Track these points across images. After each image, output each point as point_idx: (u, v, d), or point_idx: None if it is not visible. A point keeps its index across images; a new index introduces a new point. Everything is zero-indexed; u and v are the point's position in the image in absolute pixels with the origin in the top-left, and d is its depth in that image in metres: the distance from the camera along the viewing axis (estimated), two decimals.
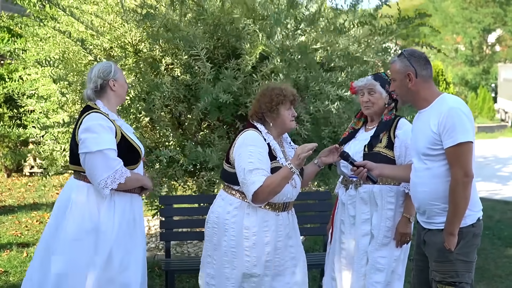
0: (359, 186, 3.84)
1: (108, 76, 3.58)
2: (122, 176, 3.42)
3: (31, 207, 8.61)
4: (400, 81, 3.28)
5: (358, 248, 3.82)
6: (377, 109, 3.88)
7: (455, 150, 3.07)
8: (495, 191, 10.48)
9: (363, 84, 3.88)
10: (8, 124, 6.41)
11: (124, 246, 3.51)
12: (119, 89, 3.63)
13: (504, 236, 7.28)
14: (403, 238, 3.78)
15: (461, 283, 3.15)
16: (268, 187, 3.38)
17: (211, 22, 5.12)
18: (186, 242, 6.51)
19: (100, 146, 3.37)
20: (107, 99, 3.60)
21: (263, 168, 3.40)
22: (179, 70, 5.21)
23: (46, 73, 5.75)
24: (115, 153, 3.43)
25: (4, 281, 5.49)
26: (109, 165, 3.38)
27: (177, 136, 5.30)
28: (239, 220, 3.49)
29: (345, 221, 3.90)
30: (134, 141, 3.61)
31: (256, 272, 3.46)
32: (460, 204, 3.07)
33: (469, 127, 3.10)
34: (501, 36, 31.75)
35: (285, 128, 3.62)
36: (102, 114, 3.49)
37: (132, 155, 3.56)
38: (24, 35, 6.24)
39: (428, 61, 3.27)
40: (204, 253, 3.67)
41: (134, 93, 5.08)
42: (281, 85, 3.68)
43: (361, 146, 3.85)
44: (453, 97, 3.24)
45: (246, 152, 3.43)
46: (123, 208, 3.52)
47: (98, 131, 3.40)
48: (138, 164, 3.62)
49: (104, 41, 5.40)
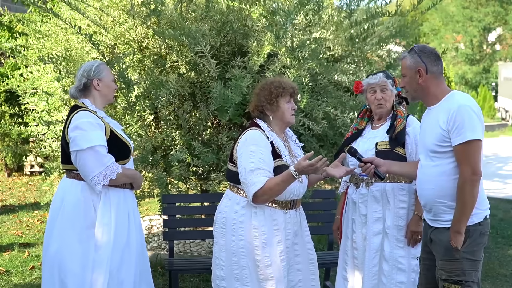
0: (370, 184, 3.80)
1: (92, 75, 3.59)
2: (114, 172, 3.46)
3: (32, 206, 8.58)
4: (410, 77, 3.24)
5: (370, 247, 3.79)
6: (389, 106, 3.85)
7: (464, 148, 3.04)
8: (497, 189, 10.48)
9: (376, 81, 3.83)
10: (9, 122, 6.37)
11: (120, 241, 3.53)
12: (104, 88, 3.63)
13: (507, 235, 7.27)
14: (415, 237, 3.75)
15: (468, 281, 3.12)
16: (268, 189, 3.34)
17: (219, 18, 5.09)
18: (189, 241, 6.48)
19: (90, 143, 3.41)
20: (93, 98, 3.63)
21: (264, 168, 3.36)
22: (184, 68, 5.18)
23: (48, 70, 5.72)
24: (106, 149, 3.47)
25: (6, 281, 5.46)
26: (100, 161, 3.42)
27: (183, 135, 5.27)
28: (247, 219, 3.45)
29: (356, 220, 3.86)
30: (124, 137, 3.66)
31: (271, 273, 3.41)
32: (468, 203, 3.04)
33: (478, 125, 3.07)
34: (502, 34, 31.74)
35: (285, 122, 3.57)
36: (90, 112, 3.52)
37: (122, 150, 3.60)
38: (26, 31, 6.21)
39: (439, 57, 3.24)
40: (213, 255, 3.62)
41: (138, 91, 5.06)
42: (280, 78, 3.66)
43: (371, 144, 3.81)
44: (463, 95, 3.20)
45: (248, 152, 3.40)
46: (118, 203, 3.56)
47: (87, 128, 3.44)
48: (129, 159, 3.66)
49: (109, 37, 5.37)
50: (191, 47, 4.81)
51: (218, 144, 5.23)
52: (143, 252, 3.74)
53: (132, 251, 3.60)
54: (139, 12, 5.09)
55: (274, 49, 4.77)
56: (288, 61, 4.79)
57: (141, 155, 5.26)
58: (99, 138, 3.44)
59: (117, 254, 3.50)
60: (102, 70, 3.62)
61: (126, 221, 3.59)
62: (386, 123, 3.85)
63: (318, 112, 4.97)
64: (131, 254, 3.59)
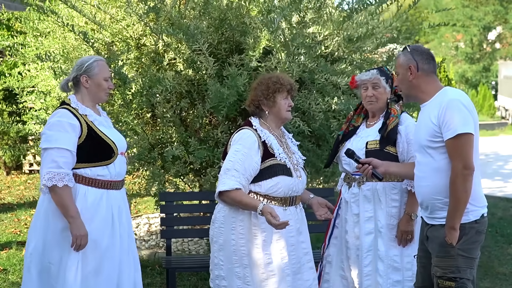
0: (362, 184, 3.79)
1: (81, 72, 3.46)
2: (61, 181, 3.27)
3: (30, 205, 8.56)
4: (402, 74, 3.25)
5: (362, 246, 3.78)
6: (380, 104, 3.83)
7: (455, 142, 3.03)
8: (497, 188, 10.47)
9: (368, 78, 3.81)
10: (7, 120, 6.37)
11: (100, 244, 3.39)
12: (92, 86, 3.48)
13: (507, 234, 7.24)
14: (405, 236, 3.74)
15: (462, 279, 3.10)
16: (232, 197, 3.36)
17: (217, 16, 5.07)
18: (187, 240, 6.46)
19: (52, 144, 3.31)
20: (81, 95, 3.49)
21: (240, 170, 3.35)
22: (182, 65, 5.17)
23: (46, 68, 5.71)
24: (68, 153, 3.31)
25: (3, 279, 5.45)
26: (54, 162, 3.29)
27: (180, 132, 5.26)
28: (246, 217, 3.44)
29: (349, 219, 3.85)
30: (108, 136, 3.47)
31: (273, 271, 3.39)
32: (461, 198, 3.03)
33: (469, 118, 3.06)
34: (502, 33, 31.70)
35: (281, 118, 3.55)
36: (70, 111, 3.39)
37: (102, 151, 3.42)
38: (24, 29, 6.19)
39: (431, 57, 3.25)
40: (211, 255, 3.60)
41: (135, 88, 5.04)
42: (278, 74, 3.65)
43: (362, 143, 3.79)
44: (454, 90, 3.21)
45: (232, 150, 3.42)
46: (97, 204, 3.40)
47: (55, 128, 3.33)
48: (112, 160, 3.45)
49: (106, 35, 5.35)
50: (188, 44, 4.80)
51: (214, 141, 5.21)
52: (133, 253, 3.60)
53: (116, 254, 3.45)
54: (137, 9, 5.07)
55: (269, 45, 4.75)
56: (282, 56, 4.77)
57: (138, 152, 5.24)
58: (63, 140, 3.30)
59: (93, 258, 3.36)
60: (94, 67, 3.47)
61: (108, 223, 3.44)
62: (380, 121, 3.84)
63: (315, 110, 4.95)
64: (115, 257, 3.44)
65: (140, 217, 7.57)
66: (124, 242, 3.52)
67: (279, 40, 4.77)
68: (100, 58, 3.58)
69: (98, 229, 3.39)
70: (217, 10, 5.05)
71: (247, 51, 4.83)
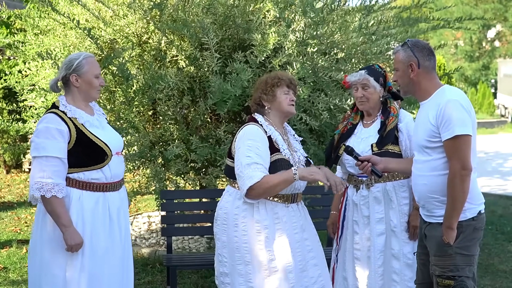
0: (371, 186, 3.81)
1: (71, 70, 3.32)
2: (49, 191, 3.16)
3: (30, 203, 8.54)
4: (403, 71, 3.24)
5: (374, 248, 3.79)
6: (372, 104, 3.84)
7: (453, 143, 3.03)
8: (497, 186, 10.49)
9: (356, 79, 3.82)
10: (7, 118, 6.35)
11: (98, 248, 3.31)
12: (83, 85, 3.33)
13: (507, 231, 7.26)
14: (417, 231, 3.74)
15: (461, 277, 3.11)
16: (265, 184, 3.31)
17: (222, 12, 5.07)
18: (188, 238, 6.47)
19: (40, 152, 3.20)
20: (72, 95, 3.35)
21: (261, 163, 3.34)
22: (184, 62, 5.17)
23: (46, 66, 5.69)
24: (58, 160, 3.21)
25: (3, 278, 5.46)
26: (43, 172, 3.19)
27: (181, 130, 5.26)
28: (249, 214, 3.42)
29: (359, 221, 3.86)
30: (100, 138, 3.33)
31: (275, 267, 3.39)
32: (458, 198, 3.04)
33: (467, 119, 3.06)
34: (501, 31, 31.72)
35: (283, 111, 3.54)
36: (58, 115, 3.26)
37: (94, 155, 3.30)
38: (24, 27, 6.18)
39: (432, 52, 3.23)
40: (215, 252, 3.59)
41: (137, 85, 5.03)
42: (277, 71, 3.66)
43: (366, 145, 3.80)
44: (453, 89, 3.20)
45: (245, 146, 3.38)
46: (93, 208, 3.31)
47: (43, 136, 3.22)
48: (105, 163, 3.33)
49: (108, 32, 5.34)
50: (193, 39, 4.79)
51: (216, 139, 5.21)
52: (129, 256, 3.54)
53: (116, 257, 3.40)
54: (140, 5, 5.06)
55: (280, 41, 4.74)
56: (296, 53, 4.76)
57: (139, 150, 5.24)
58: (52, 148, 3.19)
59: (93, 263, 3.30)
60: (83, 65, 3.32)
61: (106, 226, 3.35)
62: (377, 120, 3.85)
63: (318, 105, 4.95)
64: (115, 260, 3.39)
65: (141, 215, 7.57)
66: (122, 244, 3.47)
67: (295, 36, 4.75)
68: (89, 54, 3.43)
69: (95, 233, 3.32)
70: (223, 5, 5.04)
71: (254, 47, 4.82)
